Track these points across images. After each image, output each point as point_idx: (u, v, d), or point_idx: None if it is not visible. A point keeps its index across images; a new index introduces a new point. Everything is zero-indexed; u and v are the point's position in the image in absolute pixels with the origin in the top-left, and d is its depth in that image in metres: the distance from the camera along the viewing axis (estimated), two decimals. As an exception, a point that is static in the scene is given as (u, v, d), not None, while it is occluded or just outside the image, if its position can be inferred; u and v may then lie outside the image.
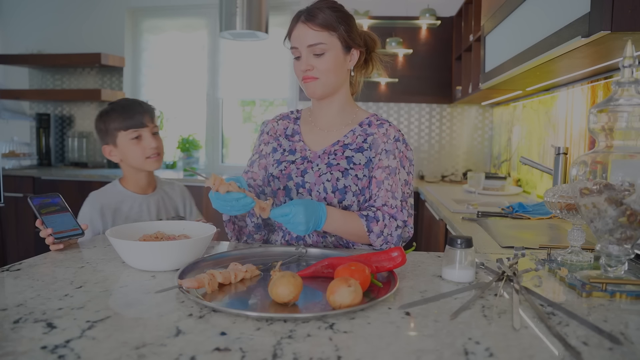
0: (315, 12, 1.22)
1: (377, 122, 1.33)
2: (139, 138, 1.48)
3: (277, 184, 1.31)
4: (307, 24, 1.22)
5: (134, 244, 0.99)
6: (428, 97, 3.87)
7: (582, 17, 1.26)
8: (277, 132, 1.39)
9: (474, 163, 3.89)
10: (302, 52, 1.24)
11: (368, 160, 1.28)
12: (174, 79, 4.19)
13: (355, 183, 1.25)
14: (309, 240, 1.30)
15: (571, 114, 2.22)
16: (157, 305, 0.80)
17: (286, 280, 0.79)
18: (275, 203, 1.31)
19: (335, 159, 1.28)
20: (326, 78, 1.24)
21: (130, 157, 1.49)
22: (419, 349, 0.65)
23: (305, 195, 1.28)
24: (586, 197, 0.89)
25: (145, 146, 1.48)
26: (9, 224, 3.76)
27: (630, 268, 0.99)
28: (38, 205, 1.20)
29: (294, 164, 1.30)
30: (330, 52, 1.23)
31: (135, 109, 1.49)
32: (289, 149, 1.34)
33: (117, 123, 1.48)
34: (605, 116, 0.89)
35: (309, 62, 1.23)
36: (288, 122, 1.40)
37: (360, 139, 1.30)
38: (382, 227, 1.20)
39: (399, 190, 1.26)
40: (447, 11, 3.77)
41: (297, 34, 1.24)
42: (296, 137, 1.36)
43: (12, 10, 4.38)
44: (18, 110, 4.39)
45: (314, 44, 1.21)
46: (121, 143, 1.49)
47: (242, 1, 3.25)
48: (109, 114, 1.50)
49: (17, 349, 0.63)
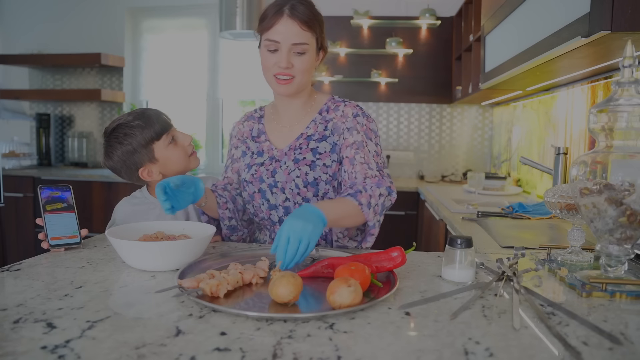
0: (301, 9, 1.19)
1: (333, 105, 1.32)
2: (174, 140, 1.36)
3: (252, 188, 1.32)
4: (294, 20, 1.18)
5: (134, 244, 0.99)
6: (428, 97, 3.87)
7: (582, 17, 1.26)
8: (243, 134, 1.40)
9: (474, 163, 3.89)
10: (283, 48, 1.19)
11: (333, 145, 1.28)
12: (174, 79, 4.19)
13: (325, 172, 1.26)
14: None
15: (571, 114, 2.22)
16: (157, 305, 0.80)
17: (286, 280, 0.79)
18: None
19: (301, 153, 1.28)
20: (301, 78, 1.23)
21: (174, 162, 1.36)
22: (419, 349, 0.65)
23: (279, 195, 1.28)
24: (586, 197, 0.89)
25: (183, 143, 1.37)
26: (9, 224, 3.76)
27: (630, 268, 0.99)
28: (46, 198, 1.17)
29: (263, 166, 1.31)
30: (309, 53, 1.21)
31: (152, 115, 1.36)
32: (257, 150, 1.34)
33: (147, 135, 1.31)
34: (605, 116, 0.89)
35: (289, 59, 1.20)
36: (253, 122, 1.40)
37: (321, 127, 1.30)
38: (368, 197, 1.16)
39: (372, 161, 1.24)
40: (447, 11, 3.77)
41: (281, 29, 1.18)
42: (262, 137, 1.36)
43: (12, 10, 4.38)
44: (18, 110, 4.39)
45: (300, 42, 1.19)
46: (160, 154, 1.33)
47: (242, 1, 3.25)
48: (130, 133, 1.31)
49: (17, 349, 0.63)
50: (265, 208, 1.32)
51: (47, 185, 1.20)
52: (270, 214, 1.32)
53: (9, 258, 3.72)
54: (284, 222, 0.98)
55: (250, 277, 0.91)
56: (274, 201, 1.29)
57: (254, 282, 0.92)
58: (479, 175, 2.76)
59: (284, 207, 1.29)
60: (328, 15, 1.70)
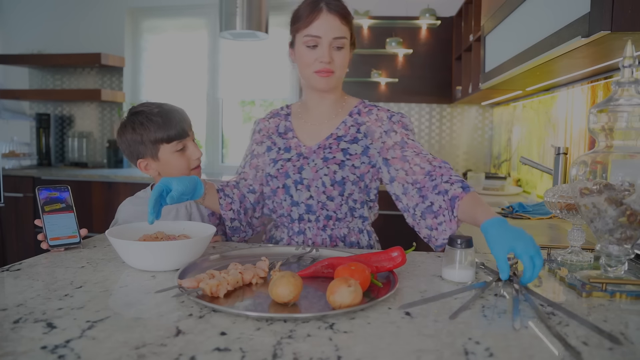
0: (342, 6, 1.22)
1: (365, 109, 1.33)
2: (183, 149, 1.35)
3: (276, 183, 1.31)
4: (334, 15, 1.20)
5: (134, 244, 0.99)
6: (428, 97, 3.87)
7: (582, 17, 1.26)
8: (269, 130, 1.40)
9: (474, 163, 3.89)
10: (323, 43, 1.20)
11: (365, 148, 1.28)
12: (174, 79, 4.19)
13: (353, 172, 1.26)
14: (319, 240, 1.31)
15: (571, 114, 2.22)
16: (157, 305, 0.80)
17: (286, 280, 0.79)
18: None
19: (331, 152, 1.28)
20: (340, 72, 1.25)
21: (173, 171, 1.36)
22: (419, 349, 0.65)
23: (303, 192, 1.28)
24: (586, 197, 0.89)
25: (190, 156, 1.37)
26: (9, 224, 3.75)
27: (630, 268, 0.99)
28: (44, 199, 1.17)
29: (289, 162, 1.31)
30: (346, 48, 1.24)
31: (175, 117, 1.34)
32: (284, 146, 1.34)
33: (159, 134, 1.32)
34: (605, 116, 0.89)
35: (330, 54, 1.21)
36: (279, 119, 1.40)
37: (353, 129, 1.31)
38: (457, 176, 1.17)
39: (419, 147, 1.25)
40: (447, 11, 3.77)
41: (322, 24, 1.19)
42: (289, 133, 1.36)
43: (12, 10, 4.38)
44: (18, 110, 4.39)
45: (340, 37, 1.21)
46: (163, 157, 1.34)
47: (242, 1, 3.25)
48: (146, 125, 1.32)
49: (17, 349, 0.63)
50: (287, 204, 1.31)
51: (45, 186, 1.19)
52: (290, 211, 1.32)
53: (9, 258, 3.72)
54: (515, 237, 0.89)
55: (250, 277, 0.91)
56: (297, 198, 1.30)
57: (254, 282, 0.92)
58: (479, 175, 2.76)
59: (306, 204, 1.29)
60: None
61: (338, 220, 1.30)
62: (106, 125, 4.33)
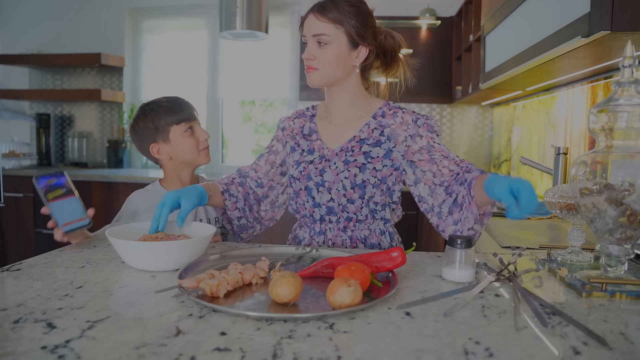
0: (327, 4, 1.24)
1: (390, 111, 1.33)
2: (191, 130, 1.46)
3: (299, 185, 1.33)
4: (316, 15, 1.24)
5: (134, 244, 0.99)
6: (428, 97, 3.86)
7: (582, 17, 1.26)
8: (293, 130, 1.41)
9: (474, 163, 3.88)
10: (308, 41, 1.26)
11: (387, 151, 1.28)
12: (174, 79, 4.19)
13: (374, 175, 1.27)
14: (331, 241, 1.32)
15: (571, 114, 2.22)
16: (157, 305, 0.80)
17: (286, 280, 0.79)
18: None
19: (353, 155, 1.29)
20: (325, 69, 1.25)
21: (184, 150, 1.46)
22: (419, 349, 0.65)
23: (325, 194, 1.30)
24: (586, 197, 0.89)
25: (199, 137, 1.47)
26: (9, 224, 3.75)
27: (630, 268, 0.99)
28: (44, 188, 1.15)
29: (312, 164, 1.32)
30: (333, 44, 1.24)
31: (183, 103, 1.48)
32: (307, 148, 1.35)
33: (169, 118, 1.44)
34: (605, 116, 0.89)
35: (311, 51, 1.25)
36: (304, 120, 1.41)
37: (377, 132, 1.30)
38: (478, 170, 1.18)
39: (445, 150, 1.26)
40: (447, 11, 3.77)
41: (307, 23, 1.27)
42: (313, 135, 1.37)
43: (12, 10, 4.38)
44: (18, 110, 4.39)
45: (318, 34, 1.23)
46: (174, 138, 1.45)
47: (242, 1, 3.25)
48: (156, 111, 1.45)
49: (17, 349, 0.63)
50: (309, 206, 1.33)
51: (41, 174, 1.17)
52: (313, 212, 1.33)
53: (9, 258, 3.72)
54: (512, 179, 0.95)
55: (250, 277, 0.91)
56: (318, 199, 1.31)
57: (254, 282, 0.92)
58: (479, 175, 2.76)
59: (327, 206, 1.30)
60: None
61: (359, 222, 1.30)
62: (106, 125, 4.33)
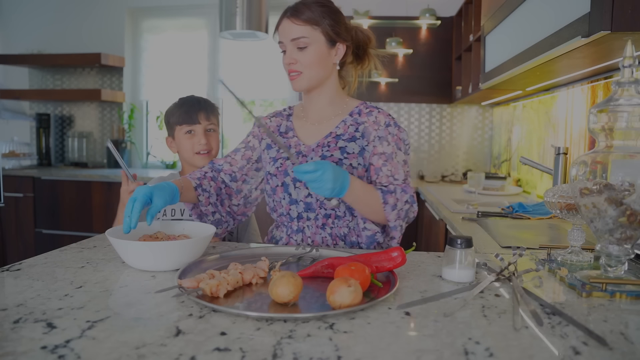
0: (300, 7, 1.25)
1: (366, 110, 1.34)
2: (191, 133, 1.58)
3: (275, 181, 1.33)
4: (291, 19, 1.25)
5: (134, 244, 0.99)
6: (428, 97, 3.87)
7: (582, 17, 1.26)
8: (270, 128, 1.41)
9: (474, 163, 3.89)
10: (287, 46, 1.27)
11: (361, 149, 1.29)
12: (174, 79, 4.19)
13: (350, 172, 1.27)
14: (317, 238, 1.31)
15: (571, 114, 2.22)
16: (157, 305, 0.80)
17: (286, 280, 0.79)
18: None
19: (329, 150, 1.29)
20: (309, 71, 1.26)
21: (182, 150, 1.60)
22: (419, 349, 0.65)
23: (302, 190, 1.30)
24: (586, 197, 0.89)
25: (195, 142, 1.58)
26: (9, 224, 3.75)
27: (630, 268, 0.99)
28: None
29: (289, 160, 1.32)
30: (313, 46, 1.25)
31: (192, 106, 1.59)
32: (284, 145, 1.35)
33: (175, 118, 1.59)
34: (605, 116, 0.89)
35: (292, 55, 1.26)
36: (281, 119, 1.43)
37: (352, 128, 1.32)
38: (395, 200, 1.22)
39: (400, 172, 1.28)
40: (447, 11, 3.77)
41: (282, 29, 1.27)
42: (290, 133, 1.38)
43: (12, 10, 4.38)
44: (18, 110, 4.39)
45: (297, 37, 1.24)
46: (177, 136, 1.60)
47: (242, 1, 3.24)
48: (172, 108, 1.61)
49: (17, 349, 0.63)
50: (285, 203, 1.32)
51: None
52: (289, 209, 1.33)
53: (9, 258, 3.72)
54: (325, 162, 1.07)
55: (250, 277, 0.91)
56: (295, 196, 1.31)
57: (254, 282, 0.92)
58: (479, 175, 2.76)
59: (305, 202, 1.30)
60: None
61: (337, 218, 1.30)
62: (106, 125, 4.33)
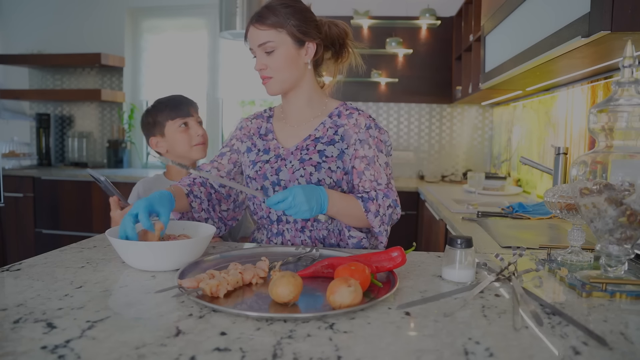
0: (263, 12, 1.24)
1: (346, 112, 1.33)
2: (186, 126, 1.57)
3: (255, 185, 1.33)
4: (255, 25, 1.25)
5: (134, 244, 0.99)
6: (428, 97, 3.87)
7: (582, 17, 1.26)
8: (250, 130, 1.41)
9: (474, 163, 3.89)
10: (256, 52, 1.26)
11: (340, 152, 1.29)
12: (174, 79, 4.19)
13: (329, 176, 1.27)
14: (308, 238, 1.30)
15: (571, 114, 2.22)
16: (157, 305, 0.80)
17: (286, 280, 0.79)
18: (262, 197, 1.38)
19: (308, 153, 1.29)
20: (280, 75, 1.26)
21: (178, 145, 1.58)
22: (419, 349, 0.65)
23: None
24: (586, 197, 0.89)
25: (192, 134, 1.57)
26: (9, 224, 3.75)
27: (630, 268, 0.99)
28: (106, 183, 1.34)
29: (268, 163, 1.32)
30: (280, 49, 1.24)
31: (181, 101, 1.61)
32: (263, 148, 1.36)
33: (165, 113, 1.57)
34: (605, 116, 0.89)
35: (261, 61, 1.26)
36: (261, 121, 1.42)
37: (331, 131, 1.31)
38: (377, 206, 1.23)
39: (382, 175, 1.28)
40: (447, 11, 3.77)
41: (250, 36, 1.27)
42: (269, 135, 1.37)
43: (12, 10, 4.38)
44: (18, 110, 4.39)
45: (263, 42, 1.24)
46: (169, 132, 1.58)
47: (242, 1, 3.25)
48: (156, 107, 1.59)
49: (17, 349, 0.63)
50: (265, 206, 1.32)
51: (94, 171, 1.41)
52: (269, 212, 1.33)
53: (9, 258, 3.72)
54: (293, 187, 1.11)
55: (250, 277, 0.91)
56: None
57: (254, 282, 0.92)
58: (479, 175, 2.76)
59: None
60: (328, 15, 1.70)
61: (316, 221, 1.30)
62: (106, 125, 4.33)
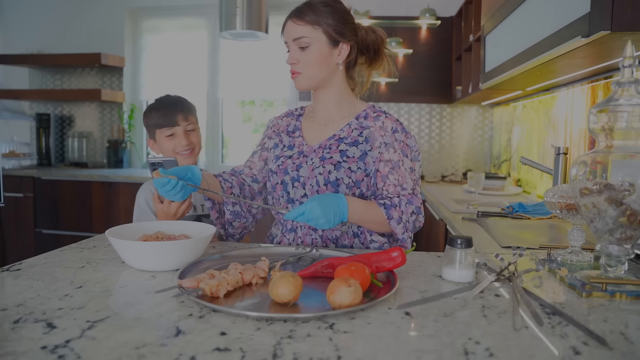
0: (303, 8, 1.27)
1: (373, 114, 1.33)
2: (172, 135, 1.61)
3: (276, 179, 1.34)
4: (293, 20, 1.27)
5: (134, 244, 0.99)
6: (428, 97, 3.87)
7: (582, 17, 1.26)
8: (279, 128, 1.44)
9: (474, 163, 3.89)
10: (290, 46, 1.29)
11: (363, 153, 1.28)
12: (174, 79, 4.19)
13: (349, 175, 1.26)
14: (321, 239, 1.31)
15: (571, 114, 2.22)
16: (157, 305, 0.80)
17: (286, 280, 0.79)
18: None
19: (330, 152, 1.29)
20: (309, 71, 1.27)
21: (165, 152, 1.64)
22: (419, 349, 0.65)
23: (299, 189, 1.30)
24: (586, 197, 0.89)
25: (177, 144, 1.62)
26: (9, 224, 3.75)
27: (630, 268, 0.99)
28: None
29: (290, 159, 1.33)
30: (313, 45, 1.26)
31: (170, 109, 1.62)
32: (289, 144, 1.37)
33: (154, 121, 1.62)
34: (605, 116, 0.89)
35: (294, 55, 1.28)
36: (291, 118, 1.44)
37: (356, 132, 1.31)
38: (400, 213, 1.22)
39: (407, 180, 1.27)
40: (447, 11, 3.77)
41: (286, 29, 1.30)
42: (297, 132, 1.39)
43: (12, 10, 4.38)
44: (18, 110, 4.39)
45: (297, 37, 1.26)
46: (158, 139, 1.64)
47: (242, 1, 3.25)
48: (150, 112, 1.64)
49: (17, 349, 0.63)
50: (283, 201, 1.34)
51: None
52: (287, 207, 1.33)
53: (9, 258, 3.71)
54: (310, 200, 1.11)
55: (250, 277, 0.91)
56: (293, 195, 1.31)
57: (254, 282, 0.92)
58: (479, 175, 2.76)
59: (301, 202, 1.30)
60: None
61: None
62: (106, 125, 4.33)
